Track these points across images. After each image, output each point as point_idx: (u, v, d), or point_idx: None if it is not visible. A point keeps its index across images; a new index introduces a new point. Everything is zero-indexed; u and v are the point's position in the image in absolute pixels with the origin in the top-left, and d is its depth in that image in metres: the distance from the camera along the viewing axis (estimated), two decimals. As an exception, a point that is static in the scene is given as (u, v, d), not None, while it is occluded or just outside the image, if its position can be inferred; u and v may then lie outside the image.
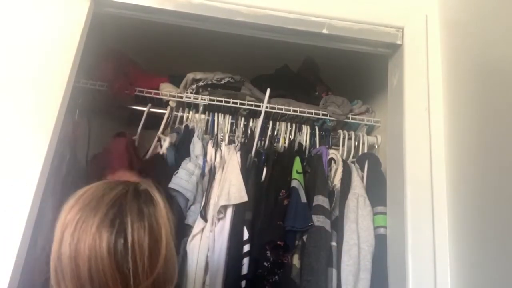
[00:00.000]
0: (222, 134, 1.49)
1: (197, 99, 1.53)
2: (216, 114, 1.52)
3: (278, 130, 1.55)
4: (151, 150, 1.41)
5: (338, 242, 1.26)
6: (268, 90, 1.46)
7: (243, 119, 1.53)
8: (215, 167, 1.36)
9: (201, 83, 1.56)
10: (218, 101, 1.52)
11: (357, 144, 1.56)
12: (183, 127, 1.47)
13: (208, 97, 1.53)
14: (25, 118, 1.02)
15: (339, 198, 1.33)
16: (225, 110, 1.54)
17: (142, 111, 1.49)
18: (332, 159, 1.45)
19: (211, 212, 1.26)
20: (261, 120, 1.47)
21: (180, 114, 1.51)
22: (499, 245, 0.92)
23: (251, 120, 1.54)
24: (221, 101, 1.51)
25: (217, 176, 1.34)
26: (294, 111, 1.54)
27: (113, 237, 0.61)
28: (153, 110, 1.51)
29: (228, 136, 1.49)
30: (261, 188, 1.34)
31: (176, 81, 1.59)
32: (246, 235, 1.23)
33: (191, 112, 1.52)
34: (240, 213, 1.25)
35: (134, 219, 0.63)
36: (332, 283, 1.20)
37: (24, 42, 1.09)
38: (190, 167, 1.30)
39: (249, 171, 1.35)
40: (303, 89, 1.68)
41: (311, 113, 1.55)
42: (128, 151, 1.30)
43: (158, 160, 1.36)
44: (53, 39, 1.10)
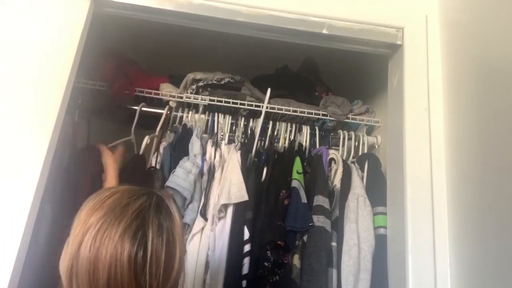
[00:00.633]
0: (222, 133, 1.49)
1: (197, 99, 1.53)
2: (216, 114, 1.52)
3: (278, 130, 1.55)
4: (143, 148, 1.41)
5: (338, 242, 1.26)
6: (269, 90, 1.46)
7: (243, 119, 1.53)
8: (214, 166, 1.36)
9: (201, 83, 1.56)
10: (218, 101, 1.52)
11: (357, 144, 1.56)
12: (181, 126, 1.47)
13: (208, 97, 1.53)
14: (25, 118, 1.02)
15: (339, 198, 1.33)
16: (225, 110, 1.54)
17: (142, 111, 1.49)
18: (332, 159, 1.45)
19: (211, 211, 1.27)
20: (261, 120, 1.47)
21: (180, 114, 1.51)
22: (499, 245, 0.92)
23: (251, 120, 1.54)
24: (221, 101, 1.51)
25: (217, 175, 1.34)
26: (294, 111, 1.54)
27: (134, 248, 0.64)
28: (151, 110, 1.51)
29: (228, 136, 1.49)
30: (261, 188, 1.34)
31: (176, 81, 1.59)
32: (246, 235, 1.23)
33: (191, 112, 1.52)
34: (241, 213, 1.25)
35: (154, 233, 0.66)
36: (332, 283, 1.20)
37: (24, 42, 1.09)
38: (187, 165, 1.30)
39: (249, 171, 1.35)
40: (303, 89, 1.68)
41: (311, 113, 1.55)
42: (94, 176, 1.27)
43: (137, 161, 1.36)
44: (53, 39, 1.10)
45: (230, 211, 1.24)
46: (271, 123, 1.54)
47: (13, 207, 0.94)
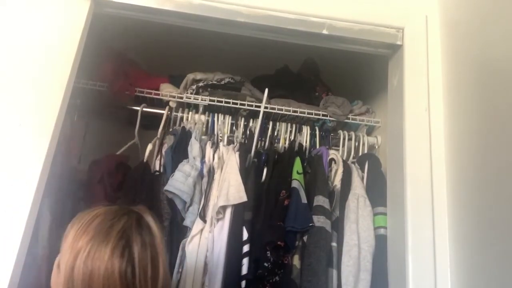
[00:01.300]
0: (221, 134, 1.49)
1: (197, 99, 1.53)
2: (216, 114, 1.52)
3: (278, 131, 1.55)
4: (147, 155, 1.41)
5: (339, 243, 1.26)
6: (267, 90, 1.46)
7: (243, 119, 1.53)
8: (213, 168, 1.36)
9: (201, 84, 1.56)
10: (218, 101, 1.52)
11: (357, 144, 1.56)
12: (179, 129, 1.46)
13: (208, 97, 1.53)
14: (25, 118, 1.02)
15: (339, 199, 1.33)
16: (225, 111, 1.54)
17: (143, 111, 1.49)
18: (333, 159, 1.45)
19: (210, 212, 1.26)
20: (260, 121, 1.47)
21: (180, 114, 1.51)
22: (499, 245, 0.92)
23: (251, 120, 1.54)
24: (221, 101, 1.52)
25: (216, 176, 1.33)
26: (294, 111, 1.54)
27: (123, 265, 0.72)
28: (152, 110, 1.51)
29: (227, 136, 1.49)
30: (261, 188, 1.34)
31: (176, 81, 1.59)
32: (245, 235, 1.23)
33: (191, 113, 1.52)
34: (239, 213, 1.25)
35: (139, 250, 0.74)
36: (332, 283, 1.20)
37: (24, 42, 1.09)
38: (186, 168, 1.30)
39: (248, 172, 1.35)
40: (303, 90, 1.68)
41: (311, 114, 1.55)
42: (101, 183, 1.30)
43: (145, 167, 1.36)
44: (53, 39, 1.10)
45: (228, 212, 1.24)
46: (271, 123, 1.54)
47: (13, 207, 0.94)
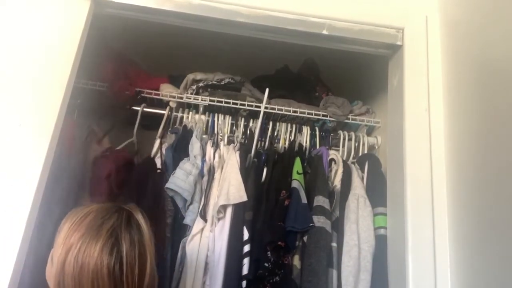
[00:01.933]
0: (222, 134, 1.49)
1: (197, 99, 1.53)
2: (216, 114, 1.52)
3: (278, 131, 1.55)
4: (154, 151, 1.41)
5: (339, 243, 1.26)
6: (267, 90, 1.46)
7: (243, 119, 1.53)
8: (214, 167, 1.36)
9: (201, 84, 1.56)
10: (218, 101, 1.52)
11: (357, 144, 1.56)
12: (181, 127, 1.47)
13: (208, 97, 1.53)
14: (25, 118, 1.02)
15: (339, 199, 1.33)
16: (225, 111, 1.54)
17: (143, 111, 1.49)
18: (333, 159, 1.45)
19: (210, 212, 1.27)
20: (260, 121, 1.47)
21: (180, 114, 1.51)
22: (499, 245, 0.92)
23: (251, 120, 1.54)
24: (221, 101, 1.52)
25: (216, 176, 1.34)
26: (294, 111, 1.54)
27: (112, 262, 0.75)
28: (152, 110, 1.51)
29: (228, 136, 1.49)
30: (261, 188, 1.34)
31: (176, 81, 1.59)
32: (246, 235, 1.23)
33: (191, 113, 1.52)
34: (240, 213, 1.25)
35: (127, 247, 0.77)
36: (332, 283, 1.20)
37: (24, 42, 1.09)
38: (187, 167, 1.30)
39: (248, 171, 1.35)
40: (303, 90, 1.68)
41: (311, 114, 1.55)
42: (108, 179, 1.30)
43: (150, 164, 1.36)
44: (53, 39, 1.10)
45: (229, 211, 1.24)
46: (271, 123, 1.54)
47: (13, 207, 0.94)
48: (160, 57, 1.70)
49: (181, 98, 1.53)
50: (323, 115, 1.56)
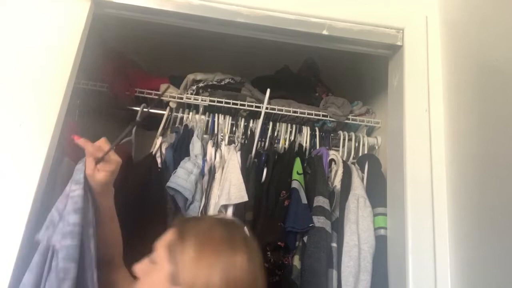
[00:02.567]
0: (222, 134, 1.49)
1: (198, 100, 1.53)
2: (216, 115, 1.52)
3: (278, 131, 1.55)
4: (156, 148, 1.41)
5: (339, 243, 1.25)
6: (268, 91, 1.47)
7: (243, 120, 1.53)
8: (214, 167, 1.37)
9: (201, 84, 1.56)
10: (218, 102, 1.52)
11: (357, 145, 1.56)
12: (182, 127, 1.47)
13: (208, 98, 1.53)
14: (26, 119, 1.02)
15: (339, 199, 1.33)
16: (225, 111, 1.54)
17: (142, 112, 1.49)
18: (333, 160, 1.45)
19: (211, 211, 1.27)
20: (261, 121, 1.48)
21: (180, 115, 1.51)
22: (499, 246, 0.92)
23: (251, 121, 1.54)
24: (221, 102, 1.52)
25: (217, 175, 1.34)
26: (294, 112, 1.54)
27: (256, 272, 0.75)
28: (152, 111, 1.51)
29: (228, 136, 1.49)
30: (261, 188, 1.34)
31: (176, 82, 1.59)
32: (246, 236, 1.23)
33: (191, 113, 1.52)
34: (241, 213, 1.25)
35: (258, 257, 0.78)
36: (332, 284, 1.20)
37: (24, 43, 1.09)
38: (188, 166, 1.30)
39: (249, 172, 1.35)
40: (303, 90, 1.68)
41: (311, 114, 1.55)
42: None
43: (152, 162, 1.36)
44: (54, 40, 1.10)
45: (230, 211, 1.24)
46: (271, 124, 1.54)
47: (13, 208, 0.94)
48: (160, 57, 1.70)
49: (181, 98, 1.53)
50: (323, 116, 1.56)
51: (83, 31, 1.13)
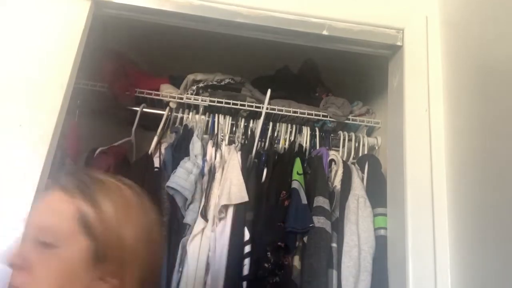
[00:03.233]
0: (222, 134, 1.49)
1: (198, 100, 1.53)
2: (216, 115, 1.52)
3: (278, 131, 1.55)
4: (153, 147, 1.41)
5: (339, 243, 1.25)
6: (269, 91, 1.47)
7: (243, 120, 1.53)
8: (215, 167, 1.37)
9: (201, 84, 1.56)
10: (218, 102, 1.52)
11: (357, 145, 1.56)
12: (182, 127, 1.47)
13: (208, 98, 1.53)
14: (26, 119, 1.02)
15: (339, 199, 1.33)
16: (225, 111, 1.54)
17: (142, 112, 1.49)
18: (333, 160, 1.45)
19: (211, 212, 1.27)
20: (261, 121, 1.48)
21: (180, 115, 1.51)
22: (499, 246, 0.92)
23: (252, 121, 1.54)
24: (221, 102, 1.52)
25: (217, 175, 1.34)
26: (294, 112, 1.54)
27: None
28: (152, 111, 1.51)
29: (228, 136, 1.49)
30: (261, 189, 1.34)
31: (176, 82, 1.59)
32: (247, 236, 1.23)
33: (191, 113, 1.52)
34: (241, 213, 1.25)
35: None
36: (332, 284, 1.20)
37: (24, 43, 1.09)
38: (188, 166, 1.30)
39: (249, 172, 1.35)
40: (303, 90, 1.68)
41: (311, 114, 1.55)
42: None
43: (148, 161, 1.36)
44: (54, 40, 1.10)
45: (230, 212, 1.24)
46: (271, 124, 1.54)
47: (13, 208, 0.93)
48: (161, 57, 1.70)
49: (181, 98, 1.53)
50: (323, 116, 1.56)
51: (83, 31, 1.13)
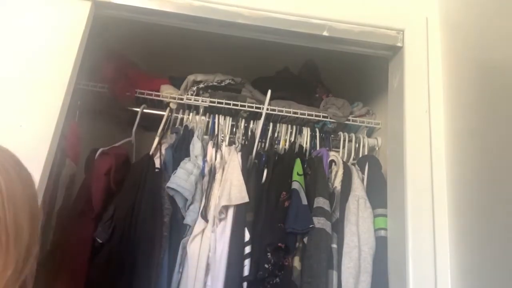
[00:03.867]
0: (223, 135, 1.49)
1: (198, 101, 1.53)
2: (216, 116, 1.52)
3: (278, 132, 1.55)
4: (153, 148, 1.41)
5: (339, 244, 1.25)
6: (269, 92, 1.47)
7: (243, 121, 1.53)
8: (215, 168, 1.37)
9: (201, 85, 1.56)
10: (218, 103, 1.52)
11: (357, 146, 1.56)
12: (182, 127, 1.47)
13: (208, 99, 1.53)
14: (27, 120, 1.02)
15: (339, 200, 1.33)
16: (225, 112, 1.54)
17: (143, 112, 1.49)
18: (333, 161, 1.45)
19: (212, 212, 1.27)
20: (261, 122, 1.48)
21: (180, 116, 1.52)
22: (500, 247, 0.92)
23: (252, 122, 1.54)
24: (221, 103, 1.52)
25: (218, 176, 1.34)
26: (295, 113, 1.54)
27: None
28: (152, 111, 1.52)
29: (229, 137, 1.49)
30: (261, 189, 1.34)
31: (176, 83, 1.59)
32: (247, 236, 1.23)
33: (191, 114, 1.52)
34: (241, 214, 1.25)
35: None
36: (332, 285, 1.20)
37: (25, 44, 1.09)
38: (189, 166, 1.31)
39: (249, 173, 1.35)
40: (303, 91, 1.68)
41: (312, 115, 1.55)
42: (107, 175, 1.30)
43: (150, 162, 1.36)
44: (54, 41, 1.10)
45: (231, 212, 1.24)
46: (271, 125, 1.54)
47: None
48: (161, 58, 1.70)
49: (182, 99, 1.53)
50: (323, 116, 1.56)
51: (83, 32, 1.13)
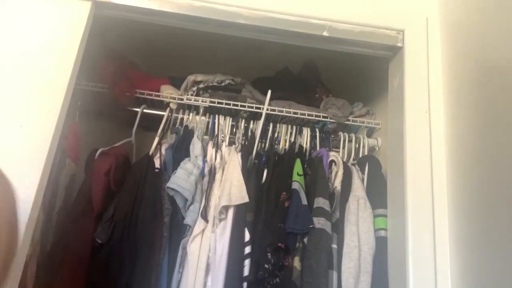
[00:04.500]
0: (223, 135, 1.50)
1: (198, 101, 1.53)
2: (216, 116, 1.52)
3: (278, 132, 1.55)
4: (153, 148, 1.41)
5: (339, 244, 1.25)
6: (269, 92, 1.47)
7: (243, 121, 1.53)
8: (215, 168, 1.37)
9: (201, 85, 1.56)
10: (218, 103, 1.52)
11: (357, 146, 1.56)
12: (182, 128, 1.47)
13: (208, 99, 1.53)
14: (27, 120, 1.02)
15: (339, 200, 1.33)
16: (225, 112, 1.54)
17: (143, 113, 1.49)
18: (333, 161, 1.45)
19: (212, 212, 1.27)
20: (261, 122, 1.48)
21: (180, 116, 1.52)
22: (500, 248, 0.92)
23: (252, 122, 1.54)
24: (221, 103, 1.52)
25: (218, 176, 1.34)
26: (295, 113, 1.54)
27: None
28: (152, 112, 1.52)
29: (229, 137, 1.49)
30: (261, 190, 1.34)
31: (176, 83, 1.59)
32: (247, 237, 1.23)
33: (191, 114, 1.52)
34: (241, 214, 1.25)
35: None
36: (332, 285, 1.20)
37: (25, 44, 1.09)
38: (189, 167, 1.31)
39: (249, 173, 1.35)
40: (303, 91, 1.68)
41: (312, 115, 1.55)
42: (107, 175, 1.29)
43: (150, 162, 1.36)
44: (54, 41, 1.10)
45: (231, 212, 1.24)
46: (271, 125, 1.54)
47: (13, 209, 0.93)
48: (161, 58, 1.70)
49: (182, 99, 1.53)
50: (323, 117, 1.56)
51: (83, 32, 1.13)
